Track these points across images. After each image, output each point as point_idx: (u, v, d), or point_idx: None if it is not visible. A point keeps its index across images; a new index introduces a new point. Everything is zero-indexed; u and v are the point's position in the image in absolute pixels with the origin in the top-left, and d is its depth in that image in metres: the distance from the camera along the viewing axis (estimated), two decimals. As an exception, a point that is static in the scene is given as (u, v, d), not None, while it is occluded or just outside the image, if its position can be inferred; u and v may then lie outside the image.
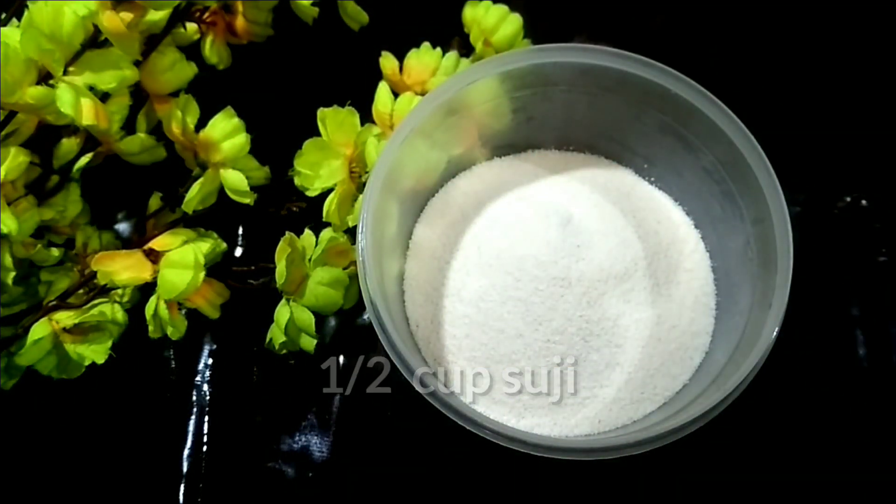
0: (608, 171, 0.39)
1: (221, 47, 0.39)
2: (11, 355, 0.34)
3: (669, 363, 0.34)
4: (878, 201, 0.41)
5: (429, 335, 0.35)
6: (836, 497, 0.36)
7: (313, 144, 0.35)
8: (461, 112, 0.36)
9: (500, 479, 0.36)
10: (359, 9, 0.40)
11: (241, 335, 0.38)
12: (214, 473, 0.36)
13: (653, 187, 0.39)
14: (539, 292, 0.34)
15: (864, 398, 0.37)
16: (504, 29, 0.39)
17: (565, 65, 0.35)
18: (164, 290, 0.33)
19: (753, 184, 0.33)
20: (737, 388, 0.29)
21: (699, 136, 0.35)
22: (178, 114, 0.35)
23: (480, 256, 0.36)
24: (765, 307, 0.31)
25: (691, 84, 0.34)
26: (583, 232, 0.35)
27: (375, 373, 0.38)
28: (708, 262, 0.37)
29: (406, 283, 0.36)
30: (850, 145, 0.42)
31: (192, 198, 0.35)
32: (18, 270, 0.34)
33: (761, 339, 0.30)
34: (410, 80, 0.38)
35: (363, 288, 0.31)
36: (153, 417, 0.37)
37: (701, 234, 0.37)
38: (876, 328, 0.38)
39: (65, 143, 0.36)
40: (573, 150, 0.40)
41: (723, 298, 0.36)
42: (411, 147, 0.34)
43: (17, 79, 0.30)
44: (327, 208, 0.35)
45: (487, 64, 0.35)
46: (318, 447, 0.37)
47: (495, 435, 0.29)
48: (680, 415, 0.31)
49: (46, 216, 0.35)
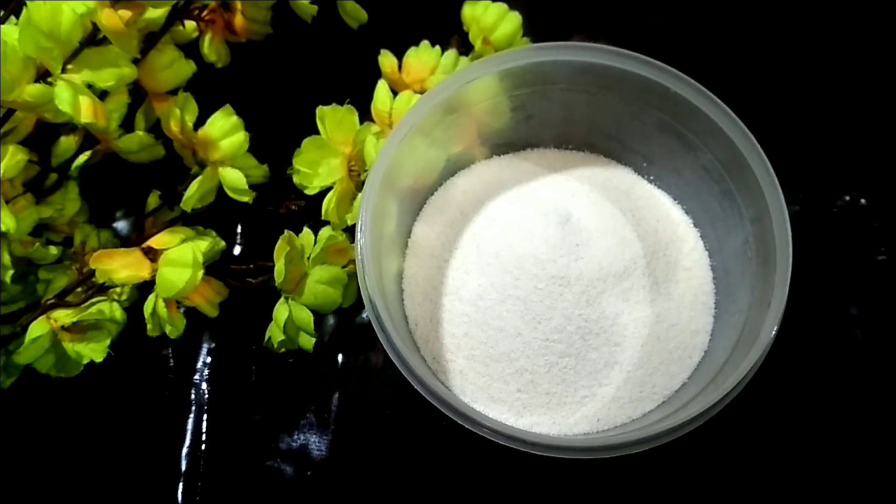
0: (607, 170, 0.39)
1: (220, 45, 0.39)
2: (10, 354, 0.34)
3: (668, 362, 0.34)
4: (877, 200, 0.41)
5: (428, 334, 0.35)
6: (835, 496, 0.36)
7: (312, 143, 0.35)
8: (460, 110, 0.36)
9: (499, 478, 0.36)
10: (358, 7, 0.40)
11: (239, 334, 0.38)
12: (213, 472, 0.36)
13: (652, 186, 0.39)
14: (538, 291, 0.34)
15: (864, 397, 0.37)
16: (503, 27, 0.39)
17: (564, 63, 0.35)
18: (163, 288, 0.33)
19: (752, 182, 0.33)
20: (735, 386, 0.29)
21: (698, 134, 0.35)
22: (176, 112, 0.35)
23: (479, 255, 0.35)
24: (764, 306, 0.31)
25: (690, 82, 0.34)
26: (582, 231, 0.35)
27: (374, 371, 0.38)
28: (707, 260, 0.37)
29: (405, 281, 0.36)
30: (849, 144, 0.42)
31: (190, 196, 0.35)
32: (17, 268, 0.34)
33: (760, 338, 0.30)
34: (409, 78, 0.38)
35: (362, 287, 0.31)
36: (152, 416, 0.37)
37: (700, 232, 0.37)
38: (875, 327, 0.38)
39: (63, 141, 0.36)
40: (572, 149, 0.40)
41: (722, 297, 0.36)
42: (410, 145, 0.34)
43: (16, 76, 0.30)
44: (326, 206, 0.35)
45: (486, 62, 0.35)
46: (317, 446, 0.37)
47: (494, 433, 0.29)
48: (679, 413, 0.31)
49: (45, 214, 0.35)
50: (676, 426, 0.29)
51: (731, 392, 0.29)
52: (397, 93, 0.37)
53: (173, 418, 0.37)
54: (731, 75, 0.43)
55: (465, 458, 0.36)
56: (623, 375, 0.34)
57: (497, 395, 0.34)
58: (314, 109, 0.35)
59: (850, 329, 0.38)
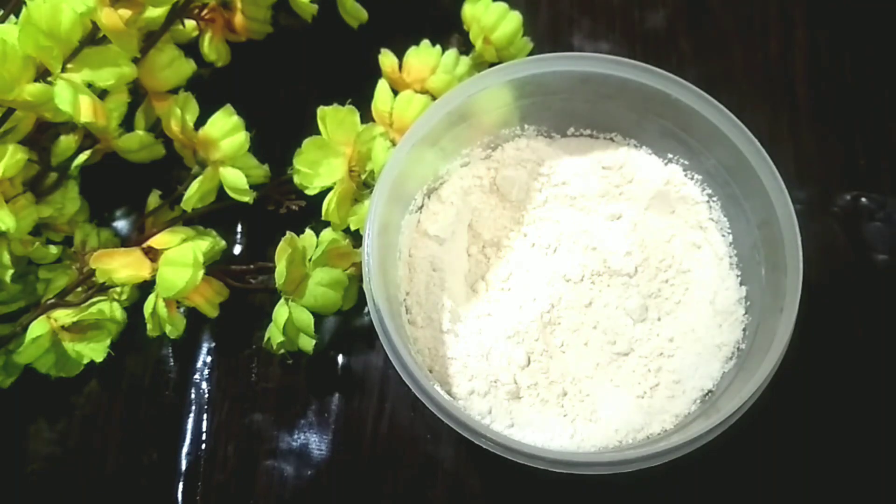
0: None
1: (220, 44, 0.39)
2: (10, 353, 0.34)
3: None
4: (878, 199, 0.41)
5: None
6: (836, 496, 0.36)
7: (313, 143, 0.35)
8: (468, 120, 0.35)
9: (499, 478, 0.36)
10: (358, 6, 0.40)
11: (239, 334, 0.38)
12: (213, 472, 0.36)
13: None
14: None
15: (864, 397, 0.37)
16: (503, 26, 0.39)
17: (564, 73, 0.34)
18: (163, 288, 0.33)
19: (758, 187, 0.32)
20: (754, 393, 0.29)
21: (701, 140, 0.35)
22: (176, 111, 0.35)
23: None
24: (776, 311, 0.31)
25: (691, 88, 0.33)
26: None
27: (374, 372, 0.38)
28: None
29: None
30: (849, 143, 0.42)
31: (191, 196, 0.35)
32: (17, 268, 0.34)
33: (775, 344, 0.30)
34: (410, 77, 0.38)
35: (367, 293, 0.31)
36: (151, 416, 0.37)
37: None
38: (875, 327, 0.38)
39: (63, 140, 0.36)
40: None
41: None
42: (418, 154, 0.34)
43: (15, 76, 0.30)
44: (326, 207, 0.35)
45: (488, 74, 0.34)
46: (317, 446, 0.37)
47: (495, 445, 0.29)
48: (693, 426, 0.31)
49: (45, 214, 0.35)
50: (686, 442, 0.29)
51: (751, 399, 0.29)
52: (398, 92, 0.37)
53: (173, 418, 0.37)
54: (730, 74, 0.43)
55: (465, 459, 0.36)
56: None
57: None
58: (314, 109, 0.35)
59: (851, 329, 0.38)
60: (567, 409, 0.33)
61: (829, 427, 0.37)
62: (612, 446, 0.33)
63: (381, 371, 0.38)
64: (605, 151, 0.37)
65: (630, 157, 0.37)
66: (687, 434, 0.29)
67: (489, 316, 0.35)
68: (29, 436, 0.37)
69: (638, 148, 0.37)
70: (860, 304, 0.39)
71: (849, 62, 0.43)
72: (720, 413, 0.29)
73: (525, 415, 0.33)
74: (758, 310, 0.34)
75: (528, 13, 0.40)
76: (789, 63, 0.43)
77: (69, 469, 0.36)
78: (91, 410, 0.37)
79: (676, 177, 0.37)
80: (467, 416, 0.29)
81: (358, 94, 0.36)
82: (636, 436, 0.33)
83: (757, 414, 0.29)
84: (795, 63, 0.43)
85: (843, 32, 0.44)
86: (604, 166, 0.37)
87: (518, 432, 0.33)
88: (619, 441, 0.33)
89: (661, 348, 0.34)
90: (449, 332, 0.34)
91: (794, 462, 0.36)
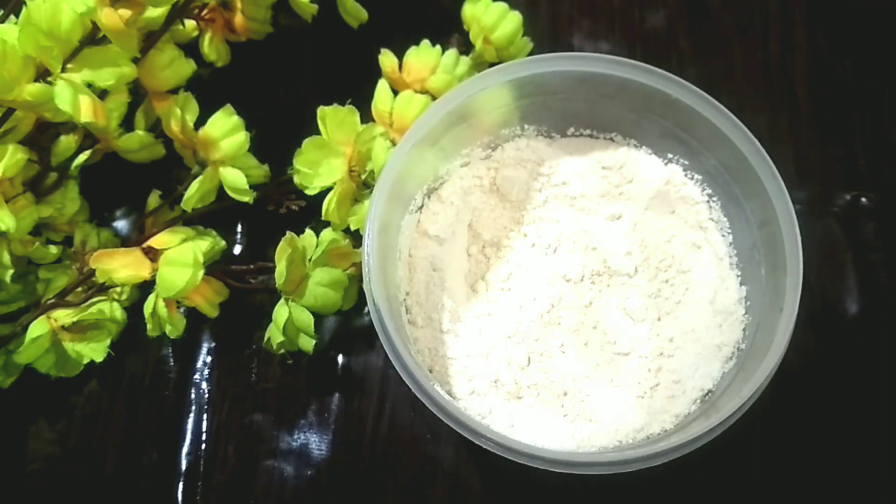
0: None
1: (220, 44, 0.39)
2: (10, 353, 0.34)
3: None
4: (878, 199, 0.41)
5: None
6: (837, 496, 0.36)
7: (313, 143, 0.35)
8: (468, 120, 0.35)
9: (499, 478, 0.36)
10: (358, 6, 0.39)
11: (239, 334, 0.38)
12: (213, 472, 0.36)
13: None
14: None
15: (864, 397, 0.37)
16: (503, 26, 0.39)
17: (563, 73, 0.34)
18: (163, 288, 0.33)
19: (758, 187, 0.32)
20: (755, 392, 0.29)
21: (702, 140, 0.35)
22: (176, 111, 0.35)
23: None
24: (775, 311, 0.31)
25: (691, 88, 0.33)
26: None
27: (374, 372, 0.38)
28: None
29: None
30: (849, 143, 0.42)
31: (191, 196, 0.35)
32: (17, 268, 0.34)
33: (775, 344, 0.30)
34: (410, 77, 0.38)
35: (367, 293, 0.31)
36: (151, 415, 0.37)
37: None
38: (875, 327, 0.38)
39: (63, 140, 0.36)
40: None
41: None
42: (418, 154, 0.34)
43: (15, 76, 0.30)
44: (326, 207, 0.35)
45: (489, 74, 0.34)
46: (317, 446, 0.37)
47: (495, 445, 0.29)
48: (693, 426, 0.31)
49: (45, 214, 0.35)
50: (686, 442, 0.29)
51: (751, 399, 0.29)
52: (398, 92, 0.37)
53: (173, 418, 0.37)
54: (729, 73, 0.43)
55: (465, 459, 0.36)
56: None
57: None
58: (314, 109, 0.35)
59: (851, 329, 0.38)
60: (567, 409, 0.33)
61: (829, 427, 0.37)
62: (612, 446, 0.32)
63: (381, 371, 0.38)
64: (605, 151, 0.37)
65: (630, 157, 0.37)
66: (687, 434, 0.29)
67: (489, 316, 0.35)
68: (29, 436, 0.37)
69: (638, 148, 0.37)
70: (860, 304, 0.39)
71: (849, 62, 0.43)
72: (720, 413, 0.29)
73: (525, 415, 0.33)
74: (758, 310, 0.34)
75: (528, 13, 0.40)
76: (789, 63, 0.43)
77: (69, 469, 0.36)
78: (91, 410, 0.37)
79: (676, 177, 0.37)
80: (467, 416, 0.29)
81: (358, 94, 0.36)
82: (636, 436, 0.33)
83: (757, 414, 0.29)
84: (795, 63, 0.43)
85: (844, 33, 0.44)
86: (604, 166, 0.37)
87: (518, 432, 0.33)
88: (619, 441, 0.33)
89: (661, 348, 0.34)
90: (449, 332, 0.34)
91: (794, 462, 0.36)
